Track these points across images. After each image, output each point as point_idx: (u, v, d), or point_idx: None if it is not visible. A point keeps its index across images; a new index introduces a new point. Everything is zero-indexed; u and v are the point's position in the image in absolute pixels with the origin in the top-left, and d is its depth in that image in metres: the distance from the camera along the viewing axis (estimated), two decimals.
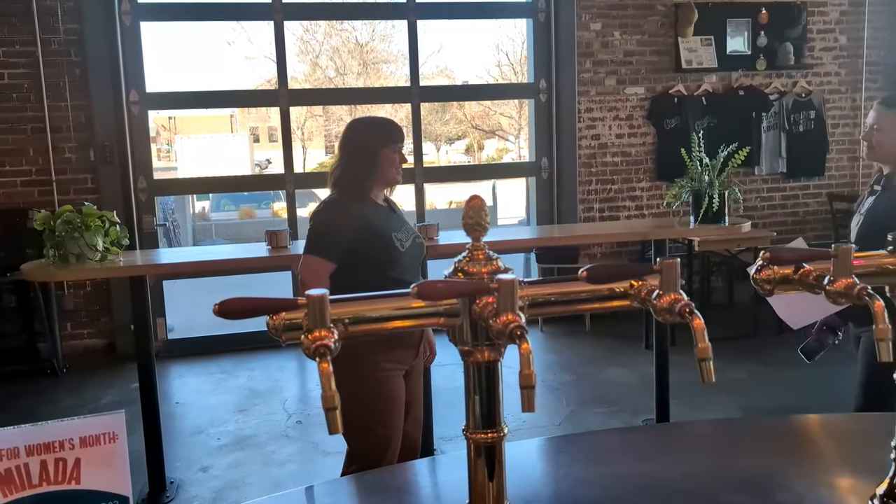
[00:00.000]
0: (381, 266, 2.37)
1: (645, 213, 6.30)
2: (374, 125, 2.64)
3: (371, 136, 2.51)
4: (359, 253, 2.39)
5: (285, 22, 5.43)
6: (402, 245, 2.44)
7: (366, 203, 2.47)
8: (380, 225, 2.44)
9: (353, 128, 2.60)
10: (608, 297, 1.12)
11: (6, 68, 5.25)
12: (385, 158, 2.46)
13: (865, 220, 2.61)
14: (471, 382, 1.11)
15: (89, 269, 3.22)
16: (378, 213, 2.49)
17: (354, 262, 2.39)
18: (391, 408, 2.42)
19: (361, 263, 2.37)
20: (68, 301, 5.54)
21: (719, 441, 1.72)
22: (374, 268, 2.37)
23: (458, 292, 0.98)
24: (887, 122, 2.61)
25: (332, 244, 2.42)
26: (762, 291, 1.23)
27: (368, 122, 2.72)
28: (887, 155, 2.63)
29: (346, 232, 2.41)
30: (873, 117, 2.66)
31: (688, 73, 6.20)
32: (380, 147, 2.46)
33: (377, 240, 2.40)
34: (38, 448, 1.05)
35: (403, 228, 2.51)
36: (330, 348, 0.91)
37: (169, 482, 3.58)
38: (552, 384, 4.95)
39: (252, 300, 0.92)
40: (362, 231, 2.40)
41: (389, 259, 2.38)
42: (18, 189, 5.35)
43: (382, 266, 2.37)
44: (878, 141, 2.63)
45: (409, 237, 2.51)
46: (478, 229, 1.08)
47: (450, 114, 26.72)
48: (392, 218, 2.53)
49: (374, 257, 2.38)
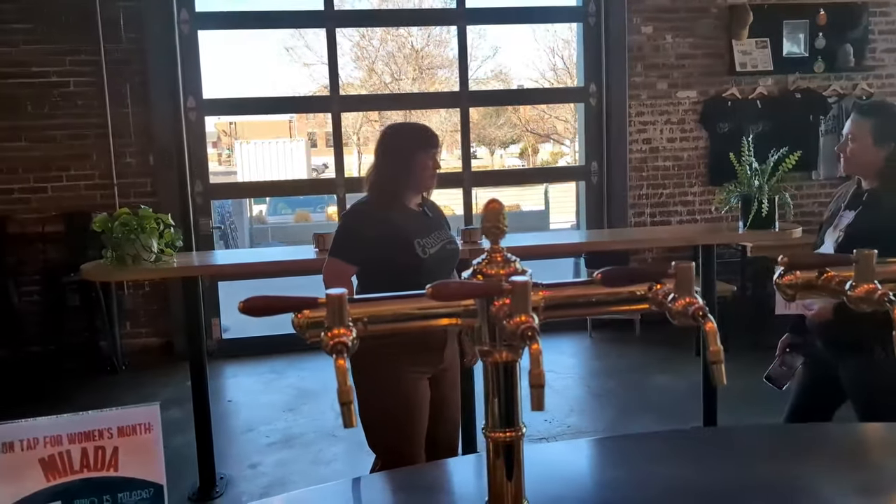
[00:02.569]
0: (401, 271, 2.39)
1: (697, 219, 6.22)
2: (408, 131, 2.67)
3: (405, 142, 2.54)
4: (379, 257, 2.42)
5: (341, 29, 5.53)
6: (425, 251, 2.44)
7: (396, 207, 2.50)
8: (404, 230, 2.45)
9: (388, 133, 2.63)
10: (626, 301, 1.14)
11: (72, 76, 5.47)
12: (419, 164, 2.49)
13: (847, 238, 2.40)
14: (489, 383, 1.14)
15: (144, 270, 3.34)
16: (407, 217, 2.51)
17: (376, 265, 2.43)
18: (412, 411, 2.44)
19: (383, 267, 2.40)
20: (128, 301, 5.74)
21: (757, 447, 1.70)
22: (396, 272, 2.38)
23: (471, 293, 1.01)
24: (861, 131, 2.43)
25: (353, 247, 2.46)
26: (785, 297, 1.22)
27: (403, 128, 2.75)
28: (862, 166, 2.46)
29: (367, 235, 2.44)
30: (848, 126, 2.49)
31: (742, 76, 6.09)
32: (414, 152, 2.49)
33: (397, 245, 2.42)
34: (80, 436, 1.12)
35: (434, 234, 2.51)
36: (347, 345, 0.95)
37: (219, 477, 3.68)
38: (598, 390, 4.93)
39: (274, 298, 0.97)
40: (384, 235, 2.42)
41: (409, 264, 2.39)
42: (82, 192, 5.56)
43: (403, 271, 2.38)
44: (851, 151, 2.45)
45: (439, 243, 2.51)
46: (496, 232, 1.11)
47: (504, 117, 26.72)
48: (422, 222, 2.54)
49: (394, 262, 2.40)
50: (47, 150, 5.50)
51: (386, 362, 2.35)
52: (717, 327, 1.01)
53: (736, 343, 5.16)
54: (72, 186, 5.57)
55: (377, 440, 2.49)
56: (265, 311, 0.97)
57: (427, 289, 0.99)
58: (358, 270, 2.48)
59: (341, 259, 2.46)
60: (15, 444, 1.09)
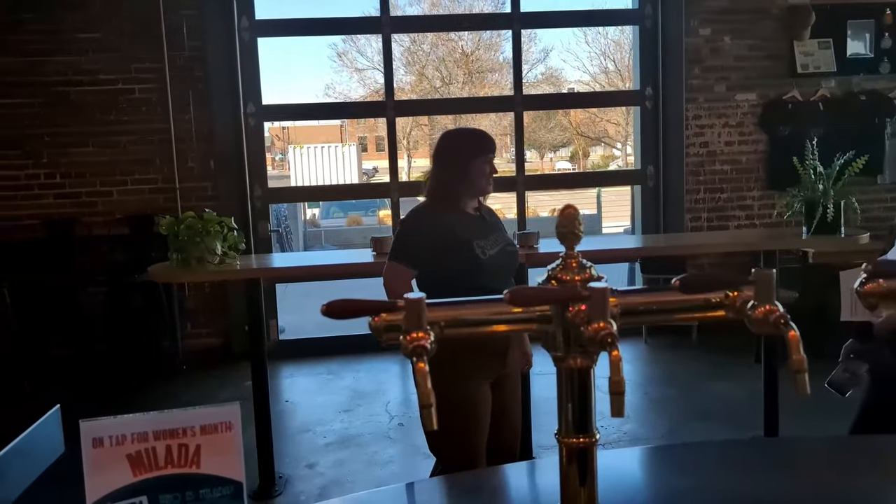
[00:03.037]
0: (462, 274, 2.39)
1: (756, 223, 6.09)
2: (465, 136, 2.70)
3: (462, 147, 2.56)
4: (440, 260, 2.43)
5: (393, 35, 5.59)
6: (485, 253, 2.45)
7: (454, 212, 2.51)
8: (463, 233, 2.46)
9: (445, 139, 2.66)
10: (702, 308, 1.13)
11: (137, 83, 5.64)
12: (475, 169, 2.50)
13: None
14: (563, 388, 1.14)
15: (208, 272, 3.42)
16: (465, 221, 2.52)
17: (437, 268, 2.44)
18: (474, 416, 2.44)
19: (443, 270, 2.42)
20: (189, 302, 5.88)
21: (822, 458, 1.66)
22: (456, 275, 2.40)
23: (549, 299, 1.02)
24: None
25: (413, 251, 2.49)
26: (867, 305, 1.20)
27: (460, 134, 2.78)
28: None
29: (427, 239, 2.46)
30: None
31: (803, 77, 5.96)
32: (470, 158, 2.51)
33: (458, 248, 2.43)
34: (164, 434, 1.15)
35: (492, 237, 2.52)
36: (426, 349, 0.97)
37: (278, 476, 3.75)
38: (655, 397, 4.87)
39: (355, 302, 0.99)
40: (444, 239, 2.44)
41: (470, 267, 2.40)
42: (146, 196, 5.72)
43: (463, 274, 2.39)
44: None
45: (497, 246, 2.51)
46: (571, 238, 1.11)
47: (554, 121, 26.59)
48: (480, 226, 2.54)
49: (454, 265, 2.42)
50: (113, 155, 5.68)
51: (448, 366, 2.36)
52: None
53: None
54: (136, 190, 5.73)
55: (438, 444, 2.50)
56: (345, 314, 0.99)
57: (505, 294, 1.00)
58: (418, 274, 2.50)
59: (401, 263, 2.49)
60: (104, 440, 1.13)
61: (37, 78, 5.56)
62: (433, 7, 19.22)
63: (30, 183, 5.66)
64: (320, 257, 4.91)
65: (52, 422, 1.61)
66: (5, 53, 5.52)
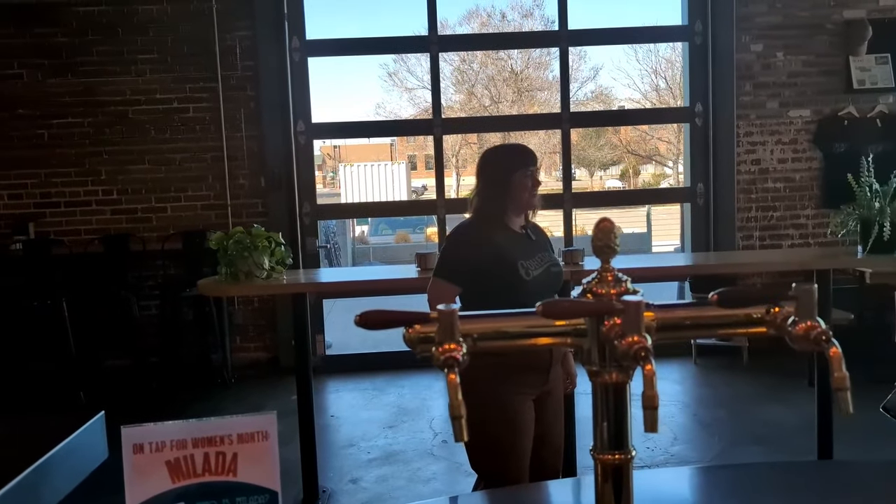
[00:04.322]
0: (504, 292, 2.38)
1: (810, 242, 5.95)
2: (504, 151, 2.69)
3: (502, 162, 2.55)
4: (483, 278, 2.42)
5: (441, 53, 5.64)
6: (528, 273, 2.43)
7: (499, 229, 2.50)
8: (508, 251, 2.44)
9: (486, 155, 2.65)
10: (743, 323, 1.10)
11: (192, 102, 5.79)
12: (517, 183, 2.49)
13: None
14: (599, 404, 1.12)
15: (256, 286, 3.48)
16: (510, 239, 2.50)
17: (480, 286, 2.43)
18: (516, 432, 2.42)
19: (487, 288, 2.40)
20: (238, 316, 5.98)
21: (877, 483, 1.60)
22: (499, 293, 2.38)
23: (582, 312, 1.01)
24: None
25: (457, 268, 2.48)
26: None
27: (500, 149, 2.74)
28: None
29: (472, 257, 2.45)
30: None
31: (860, 93, 5.82)
32: (511, 172, 2.49)
33: (501, 266, 2.42)
34: (202, 441, 1.17)
35: (537, 256, 2.50)
36: (458, 360, 0.97)
37: (321, 490, 3.77)
38: (705, 419, 4.76)
39: (388, 312, 0.99)
40: (488, 257, 2.43)
41: (512, 286, 2.38)
42: (199, 212, 5.86)
43: (506, 292, 2.37)
44: None
45: (542, 265, 2.49)
46: (607, 251, 1.10)
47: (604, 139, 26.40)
48: (525, 245, 2.52)
49: (497, 283, 2.40)
50: (167, 172, 5.83)
51: (491, 382, 2.35)
52: None
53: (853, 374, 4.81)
54: (189, 206, 5.88)
55: (480, 460, 2.48)
56: (379, 325, 0.99)
57: (537, 306, 0.99)
58: (462, 291, 2.50)
59: (445, 280, 2.49)
60: (144, 446, 1.15)
61: (97, 98, 5.76)
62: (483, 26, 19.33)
63: (88, 199, 5.85)
64: (365, 273, 4.95)
65: (96, 427, 1.65)
66: (73, 75, 5.73)
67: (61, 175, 5.81)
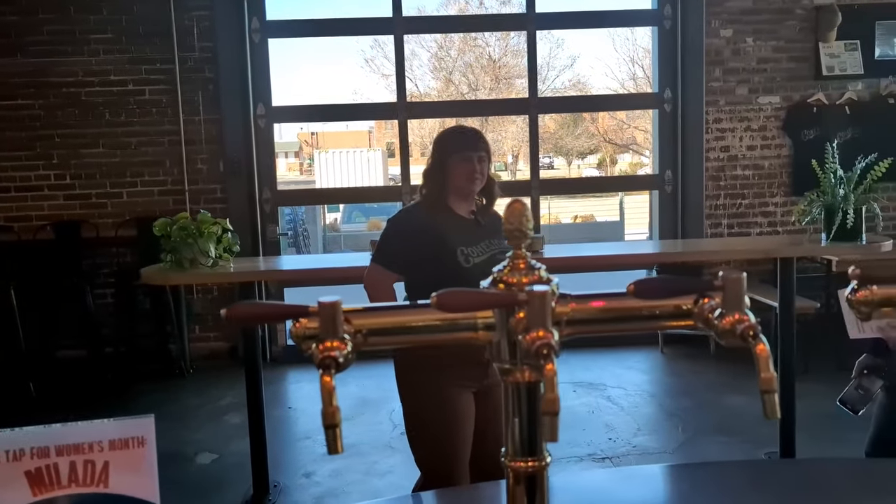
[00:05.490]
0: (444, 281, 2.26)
1: (779, 230, 5.89)
2: (447, 134, 2.56)
3: (444, 145, 2.46)
4: (421, 265, 2.35)
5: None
6: (468, 260, 2.32)
7: (442, 214, 2.40)
8: (447, 238, 2.34)
9: (436, 137, 2.58)
10: (667, 316, 1.00)
11: (148, 84, 5.60)
12: (454, 166, 2.39)
13: None
14: (510, 405, 1.01)
15: (201, 275, 3.34)
16: (453, 224, 2.40)
17: (419, 274, 2.36)
18: (454, 425, 2.33)
19: (426, 276, 2.31)
20: (197, 305, 5.82)
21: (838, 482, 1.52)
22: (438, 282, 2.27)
23: (480, 304, 0.89)
24: None
25: (393, 254, 2.41)
26: (859, 315, 1.06)
27: (444, 132, 2.60)
28: None
29: (409, 243, 2.37)
30: None
31: (829, 80, 5.75)
32: (447, 156, 2.40)
33: (439, 253, 2.32)
34: (68, 449, 1.05)
35: (483, 243, 2.39)
36: (336, 360, 0.85)
37: (273, 485, 3.65)
38: (670, 409, 4.69)
39: (260, 305, 0.87)
40: (426, 242, 2.34)
41: (451, 274, 2.27)
42: (155, 198, 5.68)
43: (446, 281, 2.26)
44: None
45: (486, 252, 2.37)
46: (518, 236, 0.99)
47: (581, 127, 26.33)
48: (470, 230, 2.42)
49: (435, 270, 2.31)
50: (123, 157, 5.65)
51: (428, 373, 2.27)
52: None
53: (818, 364, 4.86)
54: (146, 192, 5.69)
55: (420, 454, 2.40)
56: (252, 320, 0.87)
57: (432, 298, 0.88)
58: (405, 278, 2.40)
59: (382, 265, 2.41)
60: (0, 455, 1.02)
61: (49, 79, 5.55)
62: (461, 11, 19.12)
63: (40, 184, 5.65)
64: (319, 260, 4.81)
65: None
66: (23, 55, 5.52)
67: (11, 159, 5.60)
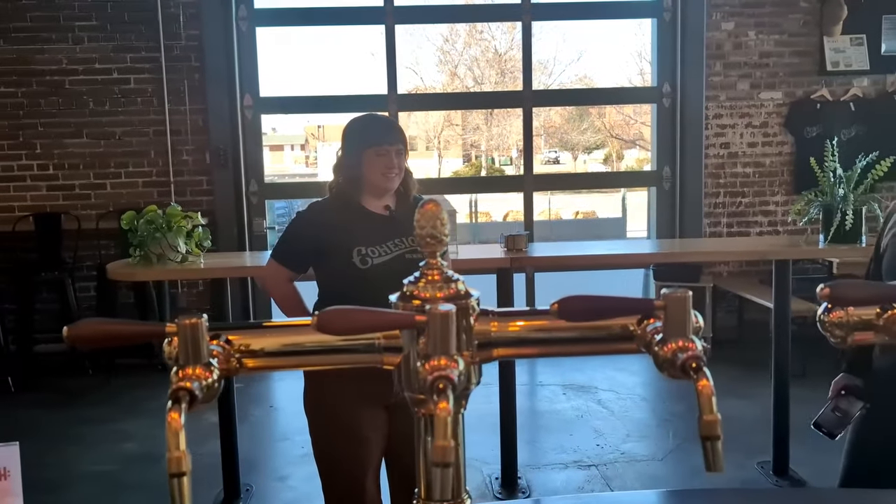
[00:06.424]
0: (343, 281, 2.14)
1: (779, 230, 5.72)
2: (360, 124, 2.31)
3: (357, 136, 2.26)
4: (318, 265, 2.23)
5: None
6: (366, 261, 2.12)
7: (348, 209, 2.22)
8: (346, 236, 2.16)
9: (346, 127, 2.33)
10: (604, 339, 0.85)
11: (132, 73, 5.46)
12: (367, 161, 2.19)
13: None
14: (423, 441, 0.87)
15: (169, 270, 3.21)
16: (357, 221, 2.20)
17: (320, 274, 2.24)
18: (357, 443, 2.19)
19: (326, 276, 2.20)
20: (182, 299, 5.69)
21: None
22: (338, 282, 2.16)
23: (368, 325, 0.75)
24: None
25: (289, 250, 2.28)
26: (833, 340, 0.91)
27: (357, 121, 2.33)
28: None
29: (307, 240, 2.22)
30: None
31: (834, 76, 5.58)
32: (361, 149, 2.20)
33: (333, 252, 2.16)
34: None
35: (392, 241, 2.18)
36: (191, 392, 0.71)
37: (245, 489, 3.52)
38: (662, 414, 4.55)
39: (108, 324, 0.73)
40: (323, 240, 2.18)
41: (347, 274, 2.12)
42: (140, 189, 5.54)
43: (344, 282, 2.13)
44: None
45: (392, 252, 2.17)
46: (432, 242, 0.85)
47: (587, 122, 26.12)
48: (377, 228, 2.20)
49: (331, 271, 2.18)
50: (107, 147, 5.51)
51: (331, 389, 2.14)
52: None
53: (816, 367, 4.68)
54: (130, 183, 5.56)
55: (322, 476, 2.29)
56: (97, 341, 0.73)
57: (312, 318, 0.73)
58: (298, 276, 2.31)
59: (277, 261, 2.28)
60: None
61: (32, 67, 5.42)
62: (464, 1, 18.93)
63: (22, 174, 5.52)
64: None
65: None
66: (5, 42, 5.38)
67: None
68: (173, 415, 0.68)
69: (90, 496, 3.56)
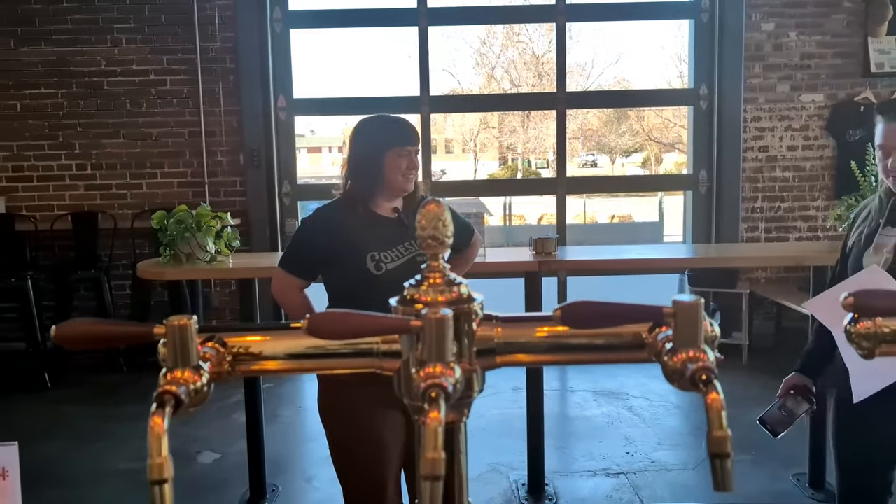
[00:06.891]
0: (354, 288, 2.10)
1: (819, 236, 5.58)
2: (377, 125, 2.26)
3: (374, 137, 2.21)
4: (330, 271, 2.17)
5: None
6: (380, 266, 2.09)
7: (360, 213, 2.17)
8: (359, 241, 2.11)
9: (359, 127, 2.28)
10: (613, 347, 0.81)
11: (169, 75, 5.53)
12: (389, 163, 2.15)
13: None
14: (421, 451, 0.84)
15: (197, 270, 3.22)
16: (369, 225, 2.16)
17: (330, 280, 2.19)
18: (380, 446, 2.15)
19: (338, 283, 2.16)
20: (215, 298, 5.74)
21: None
22: (350, 289, 2.11)
23: (361, 330, 0.72)
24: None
25: (300, 258, 2.22)
26: (860, 351, 0.86)
27: (372, 122, 2.28)
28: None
29: (317, 247, 2.16)
30: (882, 135, 2.03)
31: (879, 77, 5.42)
32: (382, 150, 2.16)
33: (348, 259, 2.11)
34: None
35: (403, 245, 2.15)
36: (177, 396, 0.68)
37: (271, 489, 3.52)
38: (694, 422, 4.46)
39: (95, 324, 0.71)
40: (335, 247, 2.13)
41: (360, 280, 2.08)
42: (175, 190, 5.61)
43: (356, 288, 2.09)
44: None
45: (404, 257, 2.13)
46: (433, 244, 0.82)
47: (625, 125, 25.86)
48: (389, 232, 2.18)
49: (345, 277, 2.13)
50: (143, 147, 5.59)
51: (347, 392, 2.09)
52: None
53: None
54: (165, 183, 5.63)
55: (342, 481, 2.25)
56: (83, 342, 0.72)
57: (303, 321, 0.71)
58: (325, 283, 2.25)
59: (286, 270, 2.22)
60: None
61: (72, 68, 5.52)
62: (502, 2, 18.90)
63: (62, 174, 5.63)
64: None
65: None
66: (46, 44, 5.49)
67: (34, 148, 5.59)
68: (156, 419, 0.66)
69: (119, 492, 3.60)
